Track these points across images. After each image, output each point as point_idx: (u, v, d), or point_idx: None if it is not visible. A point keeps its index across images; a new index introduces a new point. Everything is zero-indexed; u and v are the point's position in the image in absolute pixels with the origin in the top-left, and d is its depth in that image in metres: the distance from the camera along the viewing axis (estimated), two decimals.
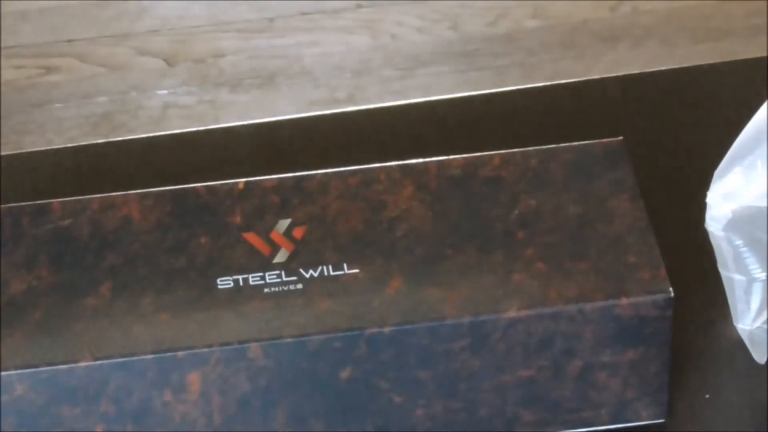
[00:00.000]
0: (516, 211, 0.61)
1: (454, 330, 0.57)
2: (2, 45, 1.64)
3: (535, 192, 0.62)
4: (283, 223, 0.61)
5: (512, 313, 0.57)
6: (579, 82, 0.83)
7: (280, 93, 1.56)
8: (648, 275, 0.58)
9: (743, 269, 0.62)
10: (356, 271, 0.59)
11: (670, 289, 0.58)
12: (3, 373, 0.55)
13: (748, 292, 0.63)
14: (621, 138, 0.64)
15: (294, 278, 0.59)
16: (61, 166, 0.78)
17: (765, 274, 0.63)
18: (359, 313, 0.57)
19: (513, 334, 0.57)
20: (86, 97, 1.59)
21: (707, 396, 0.64)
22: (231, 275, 0.59)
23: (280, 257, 0.60)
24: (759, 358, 0.65)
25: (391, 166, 0.63)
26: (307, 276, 0.59)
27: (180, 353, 0.56)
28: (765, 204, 0.60)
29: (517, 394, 0.59)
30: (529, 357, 0.58)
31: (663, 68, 0.84)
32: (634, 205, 0.61)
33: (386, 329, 0.57)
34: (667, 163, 0.75)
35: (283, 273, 0.59)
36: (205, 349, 0.56)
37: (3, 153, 0.84)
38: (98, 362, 0.56)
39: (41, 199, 0.62)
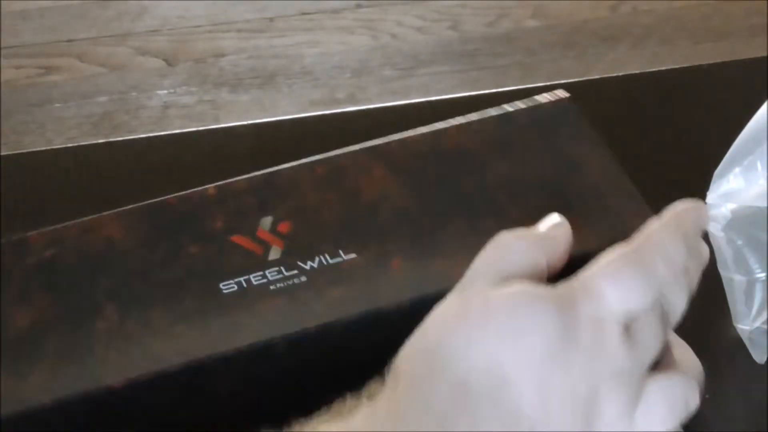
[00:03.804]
0: (490, 177, 0.61)
1: None
2: (2, 45, 1.64)
3: (503, 156, 0.61)
4: (266, 221, 0.60)
5: None
6: (579, 82, 0.83)
7: (280, 93, 1.56)
8: (637, 221, 0.57)
9: (743, 269, 0.62)
10: (354, 255, 0.58)
11: None
12: (34, 408, 0.54)
13: (748, 292, 0.63)
14: (569, 96, 0.64)
15: (295, 272, 0.58)
16: (61, 166, 0.78)
17: (765, 274, 0.63)
18: (372, 295, 0.57)
19: None
20: (86, 97, 1.59)
21: (707, 396, 0.64)
22: (232, 278, 0.58)
23: (274, 254, 0.59)
24: (759, 358, 0.65)
25: (355, 150, 0.63)
26: (308, 267, 0.58)
27: (207, 360, 0.55)
28: (765, 204, 0.60)
29: None
30: None
31: (663, 68, 0.84)
32: (598, 152, 0.61)
33: (402, 303, 0.56)
34: (667, 163, 0.75)
35: (282, 269, 0.59)
36: (233, 352, 0.55)
37: (3, 153, 0.84)
38: (129, 382, 0.55)
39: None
